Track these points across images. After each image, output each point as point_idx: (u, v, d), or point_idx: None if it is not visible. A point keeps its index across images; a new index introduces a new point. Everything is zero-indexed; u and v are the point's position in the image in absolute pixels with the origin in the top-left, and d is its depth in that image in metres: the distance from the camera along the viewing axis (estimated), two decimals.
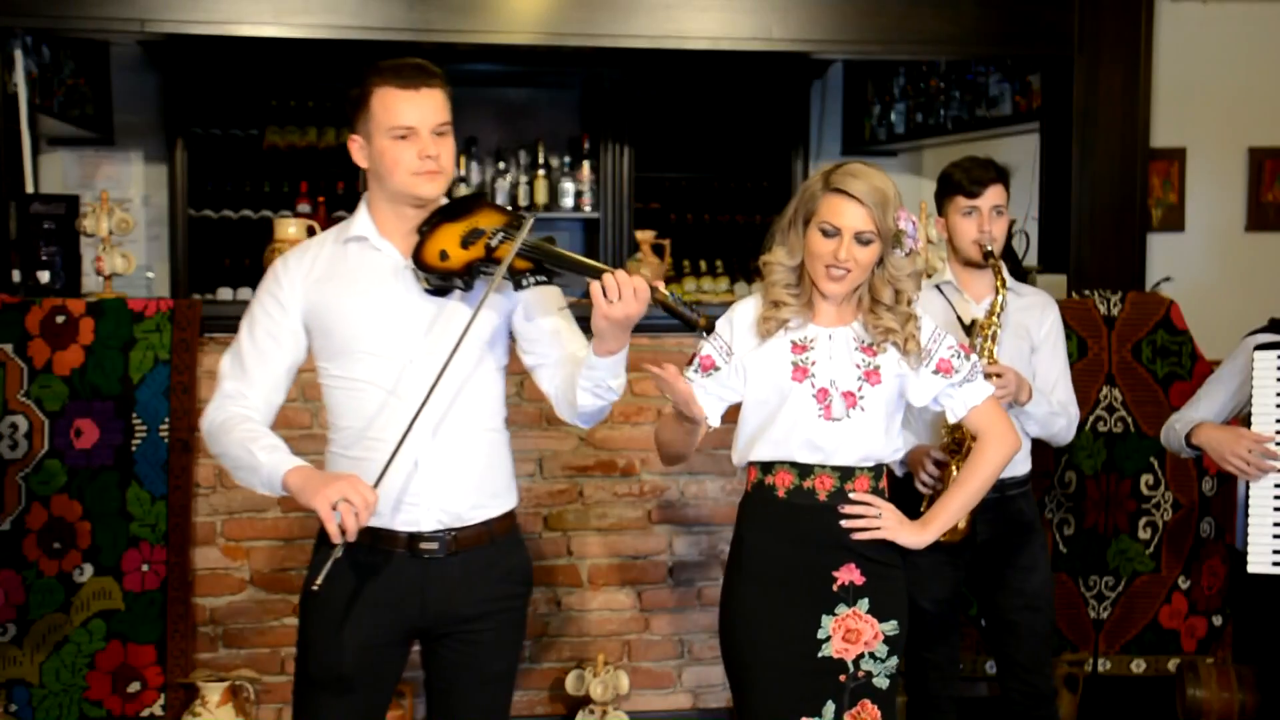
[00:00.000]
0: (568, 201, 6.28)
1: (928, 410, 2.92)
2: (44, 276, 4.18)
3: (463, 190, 6.20)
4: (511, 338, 2.62)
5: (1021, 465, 3.35)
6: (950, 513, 2.72)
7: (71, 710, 3.92)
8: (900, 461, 3.29)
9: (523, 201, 6.27)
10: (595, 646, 4.23)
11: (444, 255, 2.45)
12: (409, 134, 2.45)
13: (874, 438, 2.63)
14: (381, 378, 2.49)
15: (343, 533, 2.28)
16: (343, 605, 2.50)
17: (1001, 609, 3.38)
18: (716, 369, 2.66)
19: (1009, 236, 4.53)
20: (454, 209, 2.53)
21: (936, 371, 2.66)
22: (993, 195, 3.32)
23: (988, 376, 3.18)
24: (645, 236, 4.73)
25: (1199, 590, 4.34)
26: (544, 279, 2.45)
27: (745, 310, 2.71)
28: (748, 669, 2.62)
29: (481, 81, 6.28)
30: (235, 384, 2.52)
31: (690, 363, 2.69)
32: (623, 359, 2.43)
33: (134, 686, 3.96)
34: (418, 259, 2.45)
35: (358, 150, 2.53)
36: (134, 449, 3.94)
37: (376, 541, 2.49)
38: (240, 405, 2.50)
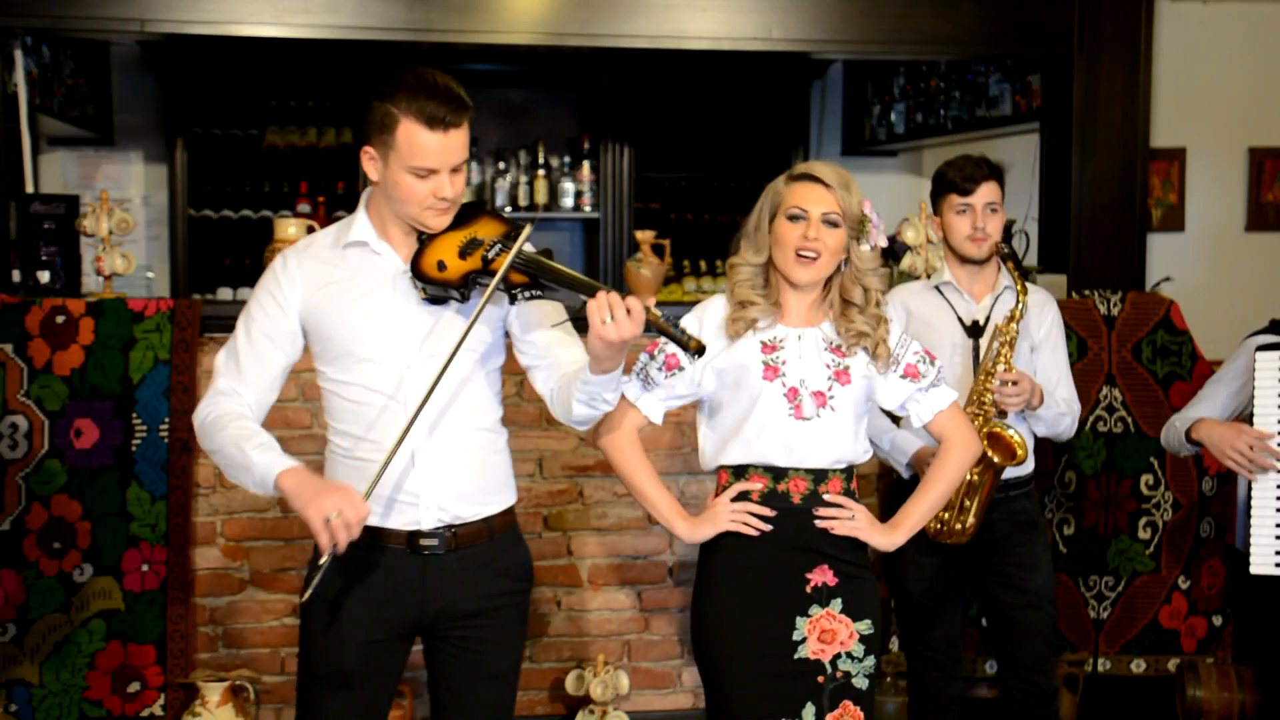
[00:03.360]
0: (568, 201, 6.27)
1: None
2: (44, 276, 4.19)
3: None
4: (507, 336, 2.62)
5: (1024, 465, 3.35)
6: (917, 516, 2.72)
7: (71, 710, 3.92)
8: (906, 464, 3.29)
9: (523, 202, 6.27)
10: (595, 646, 4.23)
11: (441, 266, 2.44)
12: (429, 174, 2.43)
13: (844, 438, 2.63)
14: (381, 383, 2.49)
15: (334, 546, 2.30)
16: (343, 603, 2.51)
17: (1004, 607, 3.37)
18: (681, 369, 2.67)
19: (1008, 235, 4.53)
20: (455, 217, 2.52)
21: (904, 376, 2.66)
22: (986, 192, 3.32)
23: (1004, 383, 3.19)
24: (645, 236, 4.73)
25: (1199, 590, 4.34)
26: (538, 293, 2.44)
27: (715, 310, 2.71)
28: (724, 673, 2.61)
29: (481, 81, 6.27)
30: (229, 381, 2.52)
31: (654, 358, 2.68)
32: (619, 375, 2.45)
33: (134, 686, 3.96)
34: (415, 268, 2.45)
35: (369, 163, 2.47)
36: (134, 449, 3.94)
37: (376, 539, 2.50)
38: (234, 403, 2.50)
